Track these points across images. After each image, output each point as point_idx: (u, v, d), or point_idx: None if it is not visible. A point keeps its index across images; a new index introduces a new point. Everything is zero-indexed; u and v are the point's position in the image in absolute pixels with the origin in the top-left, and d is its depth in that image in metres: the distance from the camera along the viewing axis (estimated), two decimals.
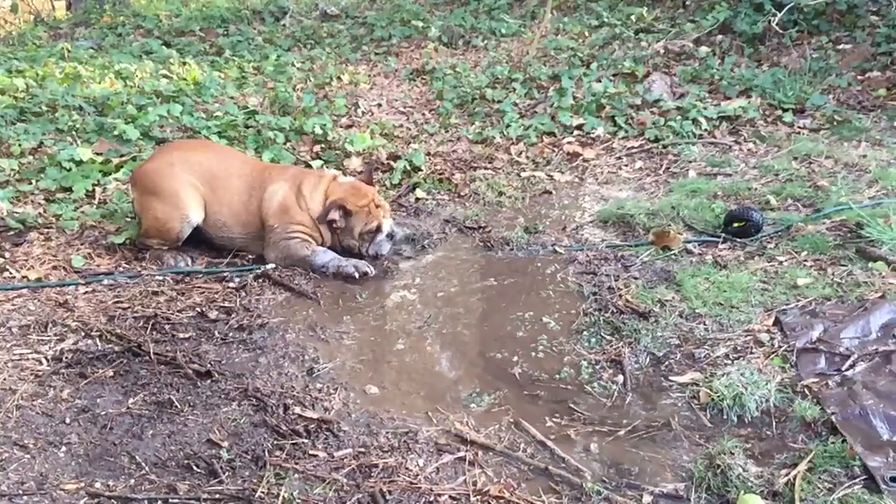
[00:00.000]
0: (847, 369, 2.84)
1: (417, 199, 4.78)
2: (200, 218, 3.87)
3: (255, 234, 3.93)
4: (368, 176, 4.09)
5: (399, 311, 3.51)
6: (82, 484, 2.37)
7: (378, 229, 3.85)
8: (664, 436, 2.62)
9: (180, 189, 3.81)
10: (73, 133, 5.16)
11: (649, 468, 2.47)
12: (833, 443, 2.48)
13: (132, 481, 2.39)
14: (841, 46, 6.69)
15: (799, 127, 5.63)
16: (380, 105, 6.56)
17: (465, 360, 3.13)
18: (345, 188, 3.90)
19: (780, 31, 6.84)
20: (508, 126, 5.86)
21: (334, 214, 3.82)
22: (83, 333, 3.19)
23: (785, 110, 5.82)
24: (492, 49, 7.84)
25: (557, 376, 2.97)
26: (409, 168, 5.10)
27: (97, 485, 2.37)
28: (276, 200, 3.87)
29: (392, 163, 5.21)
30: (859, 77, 6.26)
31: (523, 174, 5.17)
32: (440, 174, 5.11)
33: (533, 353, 3.13)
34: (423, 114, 6.37)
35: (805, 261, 3.69)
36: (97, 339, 3.15)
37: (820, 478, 2.35)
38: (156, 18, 9.75)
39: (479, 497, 2.33)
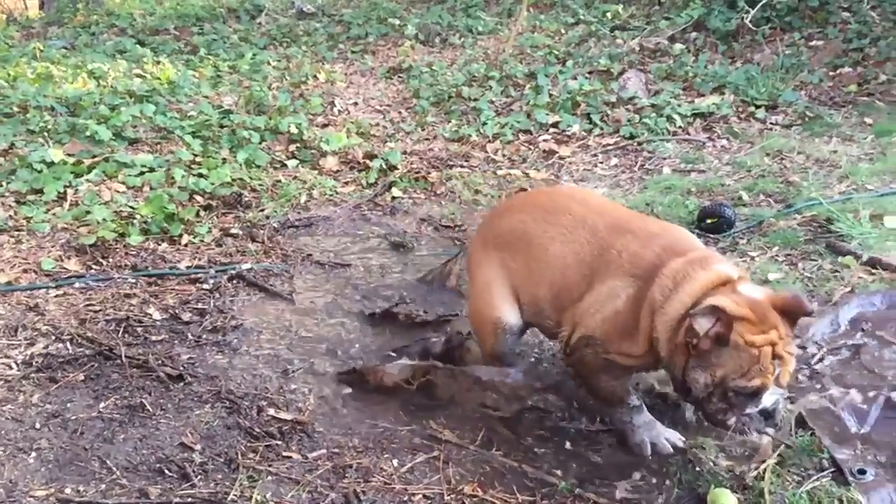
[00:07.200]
0: (816, 363, 2.88)
1: (393, 198, 4.76)
2: (517, 319, 2.75)
3: None
4: (796, 304, 2.30)
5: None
6: (52, 490, 2.35)
7: (755, 394, 2.22)
8: None
9: (492, 279, 2.77)
10: (45, 134, 5.09)
11: (622, 463, 2.49)
12: (802, 436, 2.51)
13: (103, 486, 2.37)
14: (813, 43, 6.76)
15: (771, 123, 5.68)
16: (356, 104, 6.54)
17: None
18: (742, 302, 2.23)
19: (753, 28, 6.91)
20: (485, 124, 5.87)
21: (702, 325, 2.20)
22: (54, 337, 3.15)
23: (758, 107, 5.87)
24: (468, 47, 7.85)
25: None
26: (385, 167, 5.09)
27: (67, 490, 2.35)
28: (610, 309, 2.44)
29: (368, 161, 5.19)
30: (831, 73, 6.33)
31: (499, 172, 5.17)
32: (416, 173, 5.10)
33: None
34: (400, 112, 6.36)
35: (776, 256, 3.73)
36: (68, 343, 3.11)
37: (789, 471, 2.38)
38: (130, 17, 9.67)
39: (453, 496, 2.34)
